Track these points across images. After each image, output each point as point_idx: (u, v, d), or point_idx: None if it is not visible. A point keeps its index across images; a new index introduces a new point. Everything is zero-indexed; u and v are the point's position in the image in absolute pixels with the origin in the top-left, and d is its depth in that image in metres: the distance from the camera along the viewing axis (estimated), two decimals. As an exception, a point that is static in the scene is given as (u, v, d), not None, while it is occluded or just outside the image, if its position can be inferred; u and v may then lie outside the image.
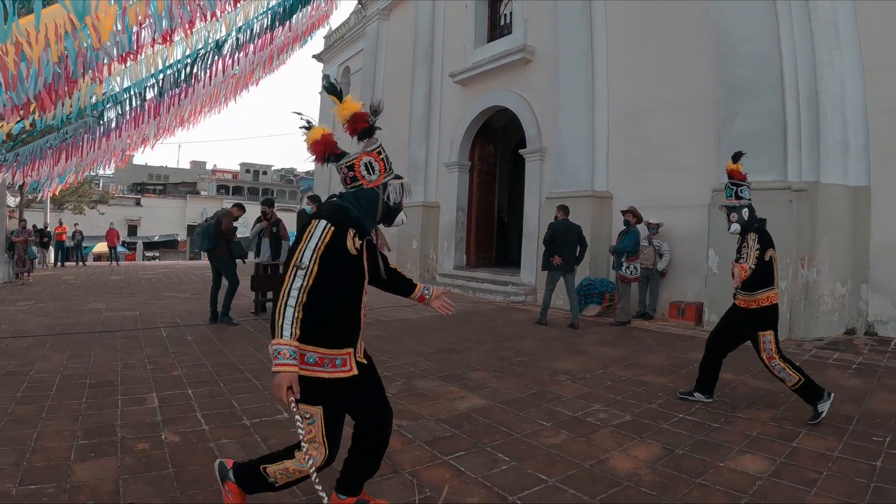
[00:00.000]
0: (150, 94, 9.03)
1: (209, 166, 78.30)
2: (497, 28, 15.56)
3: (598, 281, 10.67)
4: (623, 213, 9.70)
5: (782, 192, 8.00)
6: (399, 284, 3.00)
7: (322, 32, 26.15)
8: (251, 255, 10.45)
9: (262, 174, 77.06)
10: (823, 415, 4.43)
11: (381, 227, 2.77)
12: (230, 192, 64.02)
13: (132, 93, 8.94)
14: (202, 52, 8.79)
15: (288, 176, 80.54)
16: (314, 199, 9.43)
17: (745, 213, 4.74)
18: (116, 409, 4.51)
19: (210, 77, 9.23)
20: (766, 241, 4.64)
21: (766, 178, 8.17)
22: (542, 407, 4.83)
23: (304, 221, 9.23)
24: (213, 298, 8.92)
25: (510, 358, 6.77)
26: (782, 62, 8.22)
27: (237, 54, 9.27)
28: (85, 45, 5.75)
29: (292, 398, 2.34)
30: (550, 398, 5.10)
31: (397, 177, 2.64)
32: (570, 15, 11.93)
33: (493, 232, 16.82)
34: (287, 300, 2.33)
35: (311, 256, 2.36)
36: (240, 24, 9.00)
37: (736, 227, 4.76)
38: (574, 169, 11.66)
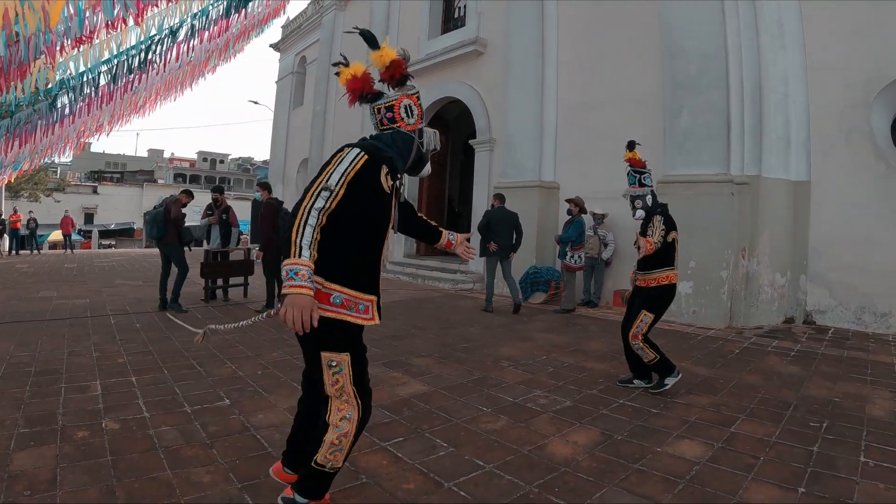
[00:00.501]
0: (103, 80, 8.77)
1: (167, 154, 77.38)
2: (451, 20, 15.56)
3: (544, 269, 10.75)
4: (568, 201, 9.80)
5: (724, 185, 8.15)
6: (426, 232, 2.96)
7: (280, 22, 25.83)
8: (204, 242, 10.26)
9: (220, 163, 75.94)
10: (668, 387, 4.77)
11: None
12: (187, 181, 62.86)
13: (85, 78, 8.67)
14: (157, 38, 8.55)
15: (245, 165, 79.60)
16: (264, 185, 9.24)
17: (649, 199, 4.94)
18: (59, 398, 4.35)
19: (165, 64, 9.00)
20: (670, 224, 4.82)
21: (709, 171, 8.36)
22: (484, 393, 4.78)
23: (256, 210, 9.01)
24: (163, 286, 8.73)
25: (455, 344, 6.72)
26: (728, 60, 8.36)
27: (192, 41, 9.05)
28: (34, 30, 5.53)
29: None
30: (492, 384, 5.05)
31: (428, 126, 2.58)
32: (522, 8, 11.95)
33: (443, 221, 16.78)
34: (307, 219, 2.18)
35: (339, 180, 2.24)
36: (195, 10, 8.77)
37: (641, 213, 4.94)
38: (522, 159, 11.74)
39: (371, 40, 2.51)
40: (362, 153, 2.30)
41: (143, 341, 6.48)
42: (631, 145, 5.04)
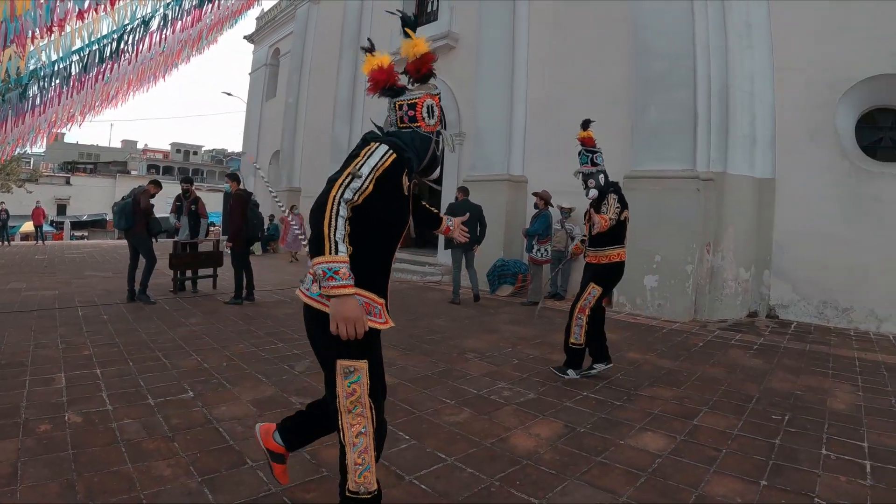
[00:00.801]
0: (74, 70, 8.58)
1: (140, 146, 76.21)
2: (424, 14, 15.52)
3: (512, 262, 10.80)
4: (535, 195, 9.88)
5: (690, 181, 8.22)
6: (430, 219, 2.90)
7: (254, 13, 25.58)
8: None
9: (193, 154, 74.99)
10: (566, 377, 4.97)
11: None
12: (160, 172, 61.68)
13: (56, 67, 8.47)
14: (129, 27, 8.38)
15: (218, 156, 78.73)
16: (233, 177, 9.12)
17: (601, 178, 4.98)
18: (23, 390, 4.26)
19: (137, 53, 8.83)
20: (623, 202, 4.90)
21: (675, 166, 8.43)
22: (448, 385, 4.76)
23: (227, 202, 8.83)
24: (131, 277, 8.56)
25: (421, 336, 6.70)
26: (696, 58, 8.44)
27: (165, 31, 8.88)
28: (2, 17, 5.40)
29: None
30: (457, 376, 5.04)
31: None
32: (495, 6, 11.98)
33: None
34: (338, 210, 2.01)
35: (370, 174, 2.10)
36: (167, 0, 8.62)
37: (594, 192, 4.96)
38: (491, 153, 11.79)
39: (411, 25, 2.42)
40: (391, 152, 2.18)
41: (110, 333, 6.37)
42: (585, 124, 5.07)
